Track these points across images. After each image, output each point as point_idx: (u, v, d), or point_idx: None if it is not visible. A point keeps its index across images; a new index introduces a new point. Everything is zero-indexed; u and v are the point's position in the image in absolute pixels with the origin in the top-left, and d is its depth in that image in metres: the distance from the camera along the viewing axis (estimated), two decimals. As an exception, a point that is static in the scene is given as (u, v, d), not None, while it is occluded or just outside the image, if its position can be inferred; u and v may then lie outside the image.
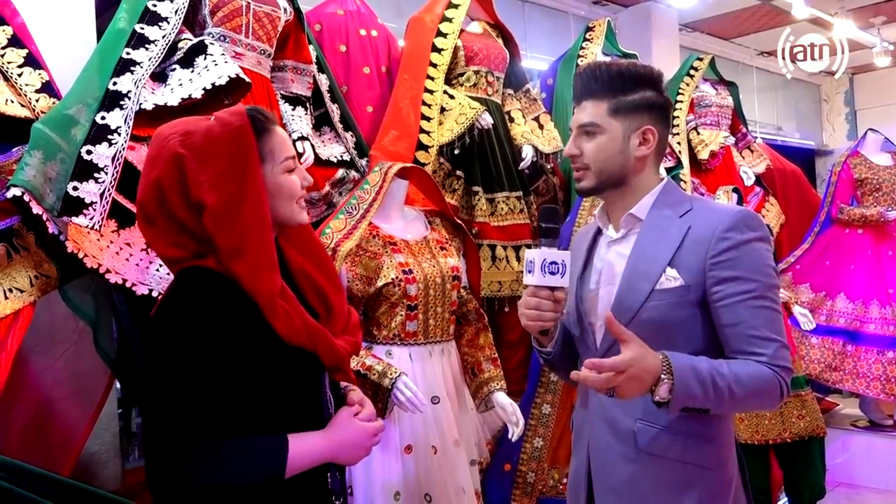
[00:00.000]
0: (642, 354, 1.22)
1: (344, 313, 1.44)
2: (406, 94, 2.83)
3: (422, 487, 2.05)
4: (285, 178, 1.33)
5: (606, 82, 1.42)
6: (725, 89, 4.45)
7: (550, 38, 4.76)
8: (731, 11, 5.49)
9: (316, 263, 1.44)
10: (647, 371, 1.22)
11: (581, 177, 1.46)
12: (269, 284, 1.24)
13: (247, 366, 1.24)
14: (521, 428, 2.24)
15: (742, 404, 1.33)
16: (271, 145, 1.32)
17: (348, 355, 1.39)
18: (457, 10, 2.98)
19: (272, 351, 1.26)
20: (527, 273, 1.37)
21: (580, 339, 1.51)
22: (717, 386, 1.25)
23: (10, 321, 1.78)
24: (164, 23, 2.11)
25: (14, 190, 1.69)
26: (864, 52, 6.17)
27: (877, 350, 3.82)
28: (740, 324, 1.31)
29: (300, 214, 1.37)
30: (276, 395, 1.30)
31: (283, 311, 1.25)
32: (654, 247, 1.39)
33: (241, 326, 1.23)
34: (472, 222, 2.85)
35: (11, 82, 1.86)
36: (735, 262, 1.32)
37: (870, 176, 4.14)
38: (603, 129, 1.42)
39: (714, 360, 1.29)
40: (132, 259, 1.93)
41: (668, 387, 1.22)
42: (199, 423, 1.17)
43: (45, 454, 1.99)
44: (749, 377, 1.28)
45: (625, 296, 1.39)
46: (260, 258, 1.23)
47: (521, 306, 1.40)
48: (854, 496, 3.94)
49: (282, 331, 1.25)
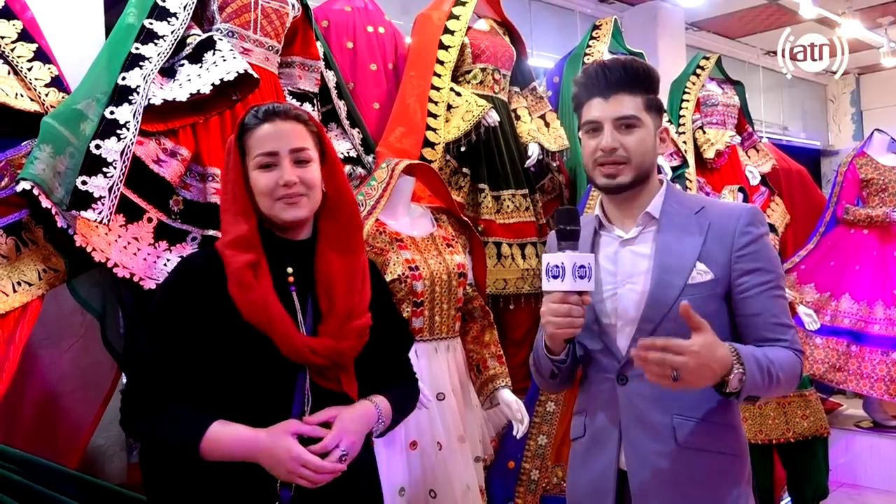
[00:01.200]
0: (714, 343, 1.23)
1: (342, 316, 1.37)
2: (413, 91, 2.83)
3: (426, 483, 2.06)
4: (257, 175, 1.38)
5: (637, 78, 1.43)
6: (731, 88, 4.44)
7: (557, 36, 4.76)
8: (737, 11, 5.49)
9: (345, 263, 1.42)
10: (717, 361, 1.23)
11: (618, 171, 1.41)
12: (233, 256, 1.34)
13: (208, 336, 1.32)
14: (526, 425, 2.24)
15: (783, 388, 1.38)
16: (250, 142, 1.39)
17: (313, 355, 1.31)
18: (464, 7, 2.98)
19: (233, 329, 1.31)
20: (552, 279, 1.32)
21: (595, 342, 1.47)
22: (771, 373, 1.30)
23: (19, 314, 1.79)
24: (173, 18, 2.11)
25: (23, 184, 1.70)
26: (871, 53, 6.16)
27: (881, 351, 3.81)
28: (765, 312, 1.38)
29: (284, 212, 1.37)
30: (238, 378, 1.33)
31: (247, 282, 1.31)
32: (679, 243, 1.41)
33: (211, 298, 1.32)
34: (478, 219, 2.85)
35: (21, 76, 1.87)
36: (757, 255, 1.39)
37: (876, 176, 4.13)
38: (642, 123, 1.42)
39: (758, 349, 1.34)
40: (140, 253, 1.94)
41: (740, 377, 1.25)
42: (152, 380, 1.31)
43: (53, 447, 2.00)
44: (786, 362, 1.35)
45: (657, 292, 1.39)
46: (230, 234, 1.36)
47: (548, 315, 1.35)
48: (857, 497, 3.93)
49: (239, 302, 1.31)
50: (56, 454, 1.89)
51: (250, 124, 1.39)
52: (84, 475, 1.73)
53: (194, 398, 1.32)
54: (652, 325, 1.39)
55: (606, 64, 1.45)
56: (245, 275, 1.31)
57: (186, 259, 1.44)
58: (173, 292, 1.36)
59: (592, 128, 1.44)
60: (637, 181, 1.43)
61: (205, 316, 1.32)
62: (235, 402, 1.32)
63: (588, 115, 1.45)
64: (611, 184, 1.43)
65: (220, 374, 1.33)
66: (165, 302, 1.35)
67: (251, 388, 1.33)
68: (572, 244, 1.34)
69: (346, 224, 1.45)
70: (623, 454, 1.44)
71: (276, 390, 1.33)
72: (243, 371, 1.32)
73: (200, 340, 1.32)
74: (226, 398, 1.32)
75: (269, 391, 1.33)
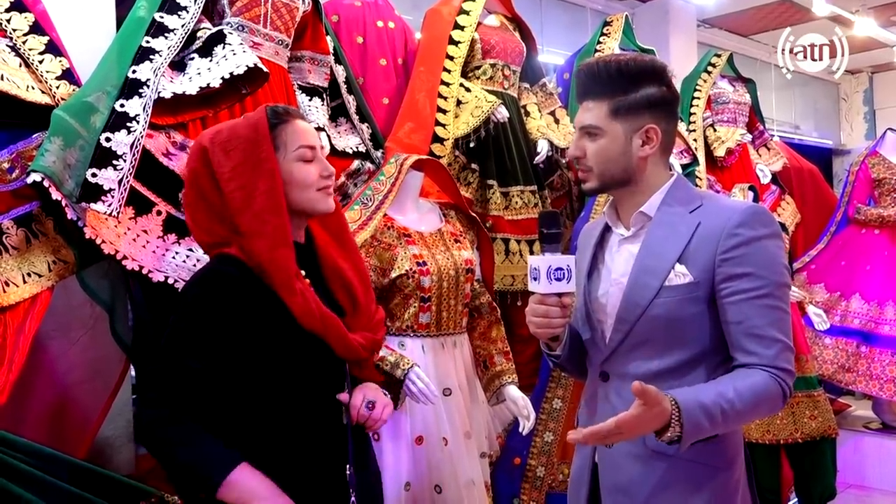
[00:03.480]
0: (645, 419, 1.17)
1: (370, 310, 1.47)
2: (422, 87, 2.83)
3: (432, 479, 2.06)
4: (297, 167, 1.38)
5: (606, 81, 1.39)
6: (743, 86, 4.41)
7: (568, 32, 4.74)
8: (750, 8, 5.45)
9: (348, 259, 1.48)
10: (647, 430, 1.20)
11: (585, 178, 1.45)
12: (284, 261, 1.31)
13: (260, 347, 1.29)
14: (532, 422, 2.24)
15: (748, 418, 1.32)
16: (284, 136, 1.39)
17: (364, 350, 1.40)
18: (474, 2, 2.98)
19: (287, 335, 1.30)
20: (532, 281, 1.35)
21: (589, 337, 1.49)
22: (725, 413, 1.23)
23: (28, 305, 1.80)
24: (184, 12, 2.11)
25: (34, 175, 1.70)
26: (885, 51, 6.11)
27: (891, 352, 3.78)
28: (744, 322, 1.30)
29: (321, 202, 1.41)
30: (290, 382, 1.32)
31: (298, 289, 1.30)
32: (662, 243, 1.37)
33: (256, 308, 1.29)
34: (486, 216, 2.85)
35: (32, 69, 1.87)
36: (745, 259, 1.30)
37: (888, 176, 4.10)
38: (604, 132, 1.39)
39: (719, 384, 1.27)
40: (149, 246, 1.94)
41: (675, 435, 1.20)
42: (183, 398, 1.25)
43: (61, 438, 2.01)
44: (752, 392, 1.26)
45: (633, 293, 1.37)
46: (276, 237, 1.31)
47: (528, 314, 1.39)
48: (865, 498, 3.91)
49: (296, 309, 1.29)
50: (64, 445, 1.90)
51: (278, 120, 1.40)
52: (92, 465, 1.74)
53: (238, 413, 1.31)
54: (627, 326, 1.38)
55: (582, 68, 1.44)
56: (296, 284, 1.31)
57: (216, 271, 1.35)
58: (217, 305, 1.29)
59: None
60: (607, 186, 1.43)
61: (255, 325, 1.30)
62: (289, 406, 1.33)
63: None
64: (584, 188, 1.47)
65: (271, 380, 1.32)
66: (210, 315, 1.29)
67: (307, 389, 1.35)
68: (553, 247, 1.35)
69: (337, 224, 1.52)
70: (597, 451, 1.46)
71: (330, 388, 1.39)
72: (299, 374, 1.34)
73: (253, 349, 1.30)
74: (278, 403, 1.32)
75: (322, 390, 1.38)
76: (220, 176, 1.33)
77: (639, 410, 1.16)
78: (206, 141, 1.37)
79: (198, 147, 1.38)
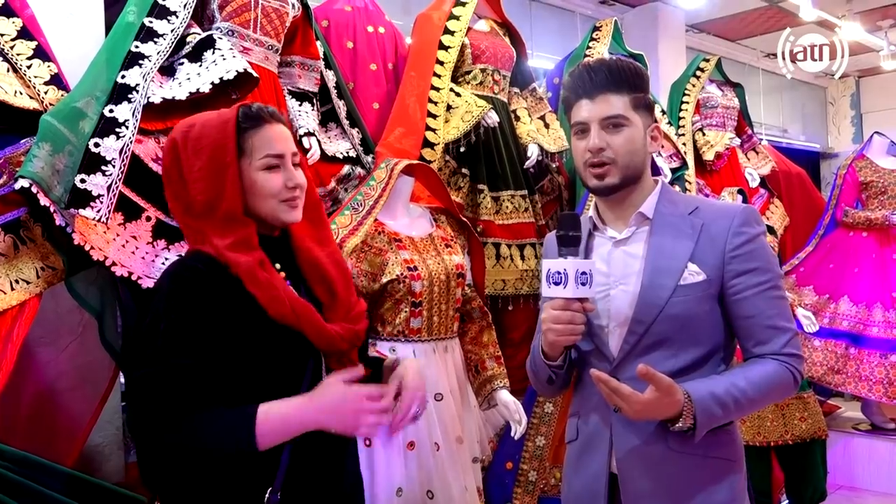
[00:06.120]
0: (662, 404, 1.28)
1: (349, 301, 1.43)
2: (413, 92, 2.83)
3: (424, 484, 2.06)
4: (261, 176, 1.33)
5: (626, 76, 1.42)
6: (731, 90, 4.44)
7: (557, 37, 4.76)
8: (737, 13, 5.50)
9: (326, 252, 1.45)
10: (661, 415, 1.31)
11: (605, 172, 1.41)
12: (246, 256, 1.29)
13: (233, 341, 1.27)
14: (524, 426, 2.24)
15: (760, 405, 1.41)
16: (252, 142, 1.34)
17: (342, 341, 1.35)
18: (464, 7, 2.98)
19: (259, 329, 1.28)
20: (552, 286, 1.31)
21: (587, 343, 1.46)
22: (737, 401, 1.32)
23: (16, 312, 1.79)
24: (173, 17, 2.11)
25: (22, 181, 1.69)
26: (871, 55, 6.17)
27: (880, 353, 3.81)
28: (758, 315, 1.37)
29: (286, 213, 1.36)
30: (265, 377, 1.30)
31: (265, 280, 1.28)
32: (672, 244, 1.40)
33: (225, 301, 1.27)
34: (476, 220, 2.85)
35: (20, 74, 1.86)
36: (752, 255, 1.38)
37: (875, 179, 4.13)
38: (630, 122, 1.41)
39: (731, 375, 1.35)
40: (138, 252, 1.93)
41: (687, 425, 1.30)
42: (181, 396, 1.21)
43: (50, 445, 2.00)
44: (764, 379, 1.35)
45: (648, 293, 1.38)
46: (237, 243, 1.30)
47: (550, 322, 1.34)
48: (855, 499, 3.93)
49: (262, 299, 1.27)
50: (53, 453, 1.89)
51: (248, 124, 1.35)
52: (81, 474, 1.73)
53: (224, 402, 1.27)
54: (643, 327, 1.38)
55: (590, 65, 1.44)
56: (260, 274, 1.29)
57: (184, 265, 1.33)
58: (188, 300, 1.26)
59: (581, 129, 1.44)
60: (626, 182, 1.42)
61: (226, 319, 1.27)
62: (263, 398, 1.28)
63: (576, 116, 1.45)
64: (600, 185, 1.43)
65: (247, 372, 1.29)
66: (183, 311, 1.25)
67: (281, 381, 1.31)
68: (573, 250, 1.33)
69: (315, 218, 1.47)
70: (614, 457, 1.43)
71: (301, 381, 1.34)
72: (273, 366, 1.31)
73: (227, 344, 1.27)
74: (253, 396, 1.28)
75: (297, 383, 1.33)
76: (188, 176, 1.31)
77: (652, 396, 1.26)
78: (178, 135, 1.34)
79: (170, 142, 1.35)
